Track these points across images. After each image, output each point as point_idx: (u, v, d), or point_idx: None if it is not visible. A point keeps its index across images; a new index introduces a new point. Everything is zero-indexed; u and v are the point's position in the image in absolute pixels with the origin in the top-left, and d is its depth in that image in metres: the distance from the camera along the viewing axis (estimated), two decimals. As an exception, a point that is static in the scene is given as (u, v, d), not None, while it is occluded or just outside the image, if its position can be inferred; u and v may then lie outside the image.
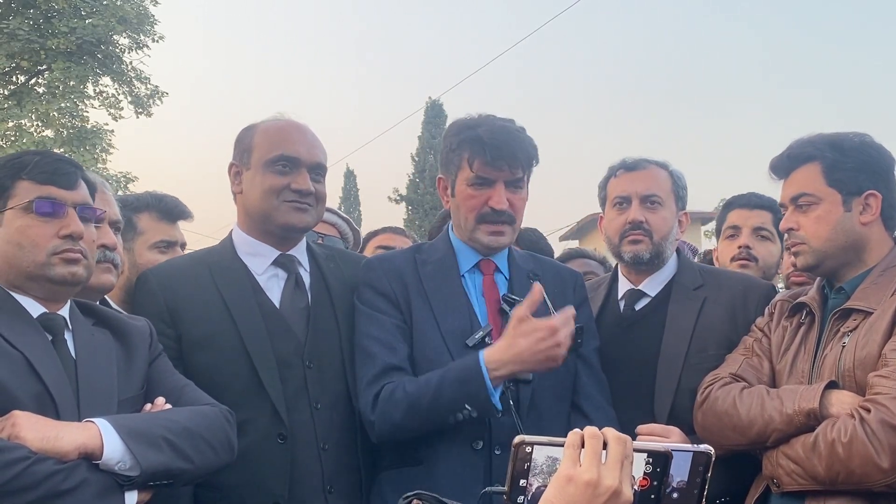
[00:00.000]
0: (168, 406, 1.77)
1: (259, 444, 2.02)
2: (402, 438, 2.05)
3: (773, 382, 2.05)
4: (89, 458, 1.51)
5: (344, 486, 2.12)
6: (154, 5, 20.56)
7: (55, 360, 1.62)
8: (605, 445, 1.08)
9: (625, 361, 2.35)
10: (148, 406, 1.77)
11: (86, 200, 1.75)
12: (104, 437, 1.52)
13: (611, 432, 1.09)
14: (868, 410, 1.72)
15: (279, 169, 2.12)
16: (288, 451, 2.05)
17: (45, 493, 1.42)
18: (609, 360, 2.35)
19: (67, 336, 1.70)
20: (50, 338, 1.66)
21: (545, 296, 2.21)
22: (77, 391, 1.62)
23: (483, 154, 2.09)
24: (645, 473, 1.12)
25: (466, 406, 1.94)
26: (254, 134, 2.19)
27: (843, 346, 1.89)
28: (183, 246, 2.60)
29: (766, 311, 2.22)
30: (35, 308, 1.68)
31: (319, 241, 2.89)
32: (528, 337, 1.93)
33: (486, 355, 1.96)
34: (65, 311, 1.73)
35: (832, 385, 1.86)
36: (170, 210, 2.58)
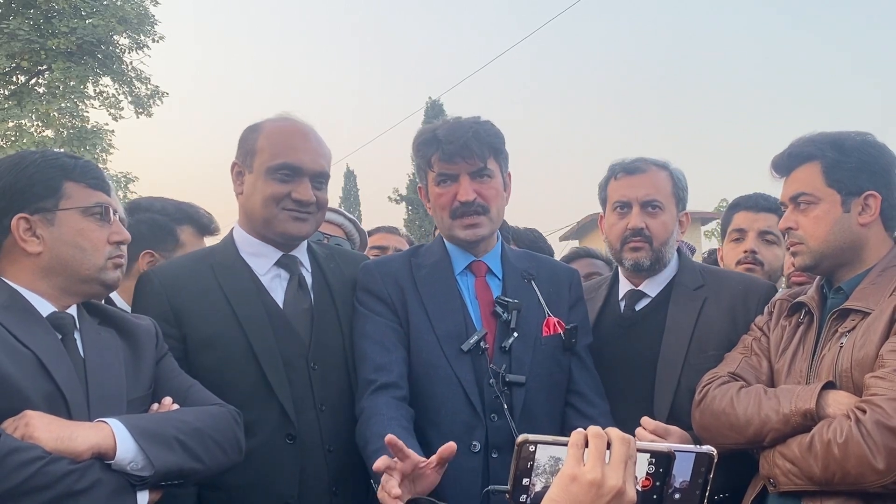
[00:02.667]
0: (175, 406, 1.78)
1: (267, 445, 2.02)
2: None
3: (772, 382, 2.05)
4: (102, 458, 1.51)
5: (349, 487, 2.13)
6: (154, 5, 20.58)
7: (66, 360, 1.62)
8: (608, 445, 1.09)
9: (625, 362, 2.35)
10: (155, 406, 1.77)
11: (119, 207, 1.82)
12: (117, 438, 1.53)
13: (615, 432, 1.09)
14: (864, 411, 1.72)
15: (281, 177, 2.12)
16: (297, 452, 2.05)
17: (60, 493, 1.42)
18: (609, 361, 2.35)
19: (76, 335, 1.70)
20: (59, 337, 1.66)
21: (539, 296, 2.22)
22: (87, 391, 1.62)
23: (440, 151, 2.15)
24: (648, 474, 1.13)
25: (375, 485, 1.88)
26: (258, 136, 2.17)
27: (841, 347, 1.89)
28: None
29: (766, 310, 2.22)
30: (45, 307, 1.68)
31: (325, 241, 2.90)
32: None
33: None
34: (72, 311, 1.73)
35: (829, 385, 1.86)
36: (206, 226, 2.65)
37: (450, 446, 1.64)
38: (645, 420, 2.10)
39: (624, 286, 2.49)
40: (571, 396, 2.23)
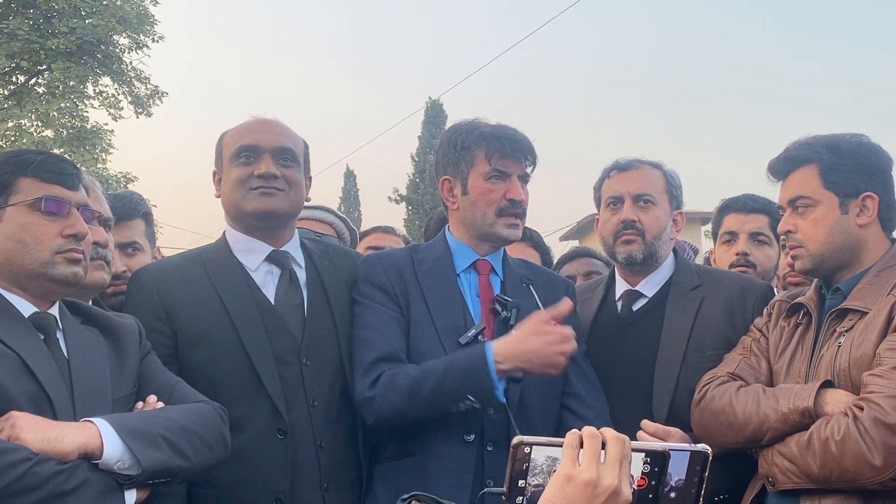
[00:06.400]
0: (160, 404, 1.77)
1: (257, 441, 2.03)
2: (399, 424, 2.08)
3: (771, 382, 2.06)
4: (89, 458, 1.51)
5: (340, 483, 2.14)
6: (154, 5, 20.60)
7: (49, 360, 1.62)
8: (603, 445, 1.09)
9: (623, 362, 2.35)
10: (140, 404, 1.77)
11: (86, 202, 1.78)
12: (104, 437, 1.52)
13: (609, 432, 1.10)
14: (861, 409, 1.73)
15: (243, 160, 2.16)
16: (288, 448, 2.05)
17: (48, 494, 1.42)
18: (607, 361, 2.36)
19: (59, 335, 1.70)
20: (42, 337, 1.66)
21: (537, 299, 2.25)
22: (72, 391, 1.62)
23: (502, 148, 2.19)
24: (643, 473, 1.13)
25: (469, 397, 1.97)
26: (224, 138, 2.24)
27: (839, 346, 1.89)
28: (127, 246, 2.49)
29: (765, 311, 2.22)
30: (26, 307, 1.67)
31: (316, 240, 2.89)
32: (541, 337, 1.99)
33: (494, 348, 2.00)
34: (55, 311, 1.73)
35: (828, 384, 1.86)
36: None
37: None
38: (645, 423, 2.10)
39: (621, 286, 2.49)
40: (567, 399, 2.25)
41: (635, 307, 2.44)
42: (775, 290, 2.83)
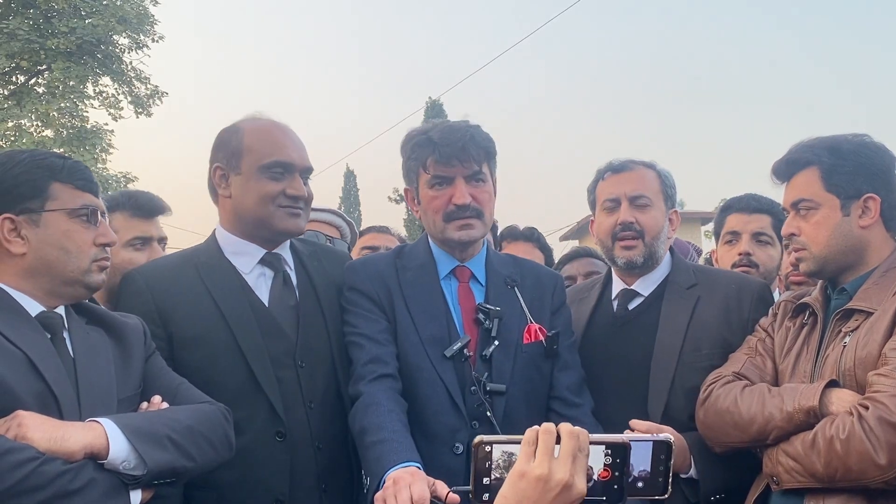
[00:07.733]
0: (165, 404, 1.77)
1: (256, 443, 2.02)
2: None
3: (776, 382, 2.06)
4: (95, 458, 1.51)
5: (337, 484, 2.14)
6: (154, 5, 20.63)
7: (56, 359, 1.62)
8: (559, 440, 1.11)
9: (619, 360, 2.35)
10: (144, 405, 1.77)
11: (104, 209, 1.81)
12: (110, 437, 1.52)
13: (565, 427, 1.12)
14: (866, 408, 1.73)
15: (274, 174, 2.12)
16: (287, 450, 2.05)
17: (54, 494, 1.42)
18: (603, 360, 2.36)
19: (65, 335, 1.70)
20: (49, 336, 1.66)
21: (522, 302, 2.22)
22: (78, 390, 1.62)
23: (434, 153, 2.14)
24: (605, 465, 1.16)
25: (366, 479, 1.89)
26: (242, 136, 2.17)
27: (844, 346, 1.89)
28: (161, 241, 2.54)
29: (770, 311, 2.23)
30: (33, 306, 1.68)
31: (328, 244, 2.90)
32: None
33: (393, 475, 1.74)
34: (61, 310, 1.73)
35: (833, 384, 1.86)
36: (142, 206, 2.52)
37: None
38: (634, 422, 2.10)
39: (617, 285, 2.49)
40: (553, 402, 2.24)
41: (631, 306, 2.44)
42: (777, 289, 2.84)
